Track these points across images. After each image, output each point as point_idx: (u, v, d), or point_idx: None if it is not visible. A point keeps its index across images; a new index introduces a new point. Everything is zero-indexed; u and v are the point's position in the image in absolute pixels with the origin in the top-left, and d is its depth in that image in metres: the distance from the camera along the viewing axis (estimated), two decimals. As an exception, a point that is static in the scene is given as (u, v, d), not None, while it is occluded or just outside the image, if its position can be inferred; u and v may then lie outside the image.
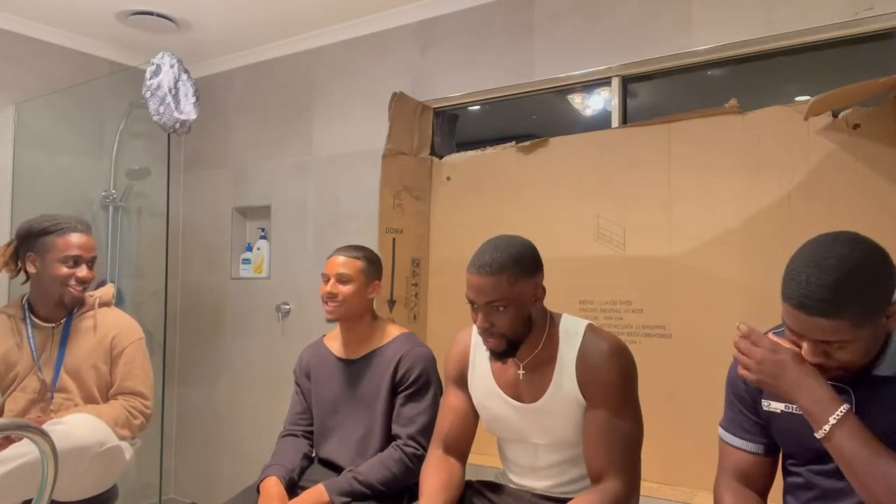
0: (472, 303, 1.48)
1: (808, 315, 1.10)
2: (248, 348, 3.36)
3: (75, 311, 2.09)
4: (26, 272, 2.04)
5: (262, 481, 1.82)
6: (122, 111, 3.34)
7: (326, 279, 1.96)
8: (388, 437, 1.87)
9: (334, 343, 2.03)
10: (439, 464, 1.62)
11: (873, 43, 2.06)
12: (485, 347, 1.54)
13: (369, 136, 2.94)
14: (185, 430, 3.60)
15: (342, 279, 1.93)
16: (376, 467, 1.79)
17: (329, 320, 1.96)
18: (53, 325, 2.06)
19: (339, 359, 1.99)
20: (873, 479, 1.09)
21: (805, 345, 1.15)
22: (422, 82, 2.86)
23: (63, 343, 2.05)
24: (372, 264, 1.99)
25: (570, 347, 1.52)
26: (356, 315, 1.96)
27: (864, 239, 1.13)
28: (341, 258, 1.96)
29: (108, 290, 2.19)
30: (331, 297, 1.93)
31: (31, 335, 2.05)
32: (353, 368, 1.96)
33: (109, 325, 2.10)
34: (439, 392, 1.90)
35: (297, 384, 2.07)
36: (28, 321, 2.06)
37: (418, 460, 1.78)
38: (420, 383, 1.86)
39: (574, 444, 1.53)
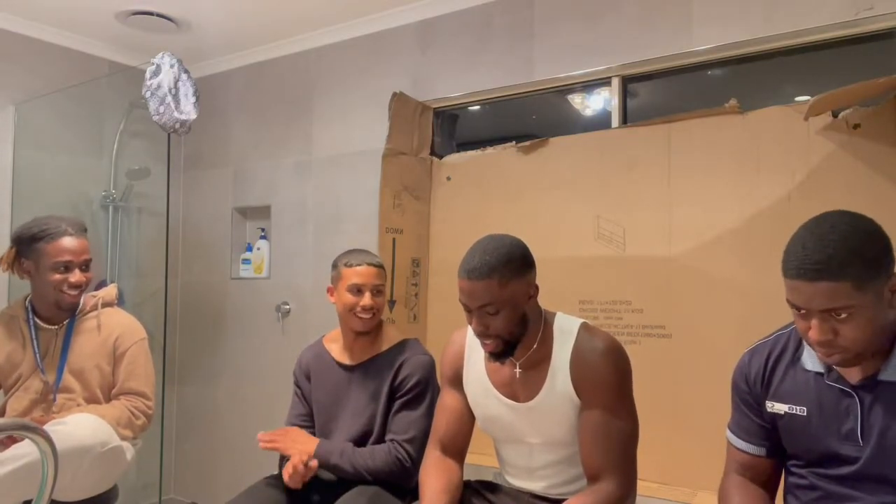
0: (465, 306, 1.48)
1: (809, 281, 1.11)
2: (248, 348, 3.36)
3: (78, 312, 2.09)
4: (25, 276, 2.06)
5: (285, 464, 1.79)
6: (122, 111, 3.34)
7: (357, 290, 1.88)
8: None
9: (334, 345, 2.02)
10: (438, 465, 1.61)
11: (873, 43, 2.06)
12: (479, 347, 1.54)
13: (369, 136, 2.94)
14: (185, 430, 3.60)
15: (378, 290, 1.89)
16: (367, 455, 1.80)
17: (361, 332, 1.91)
18: (57, 326, 2.07)
19: (340, 363, 1.97)
20: None
21: (813, 322, 1.14)
22: (422, 82, 2.86)
23: (66, 344, 2.05)
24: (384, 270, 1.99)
25: (564, 346, 1.51)
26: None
27: (854, 212, 1.17)
28: (374, 269, 1.89)
29: (110, 291, 2.19)
30: (367, 309, 1.87)
31: (34, 336, 2.05)
32: (355, 372, 1.94)
33: (113, 326, 2.10)
34: (436, 401, 1.89)
35: (298, 385, 2.06)
36: (31, 322, 2.07)
37: (405, 467, 1.78)
38: (417, 391, 1.85)
39: (569, 443, 1.52)
